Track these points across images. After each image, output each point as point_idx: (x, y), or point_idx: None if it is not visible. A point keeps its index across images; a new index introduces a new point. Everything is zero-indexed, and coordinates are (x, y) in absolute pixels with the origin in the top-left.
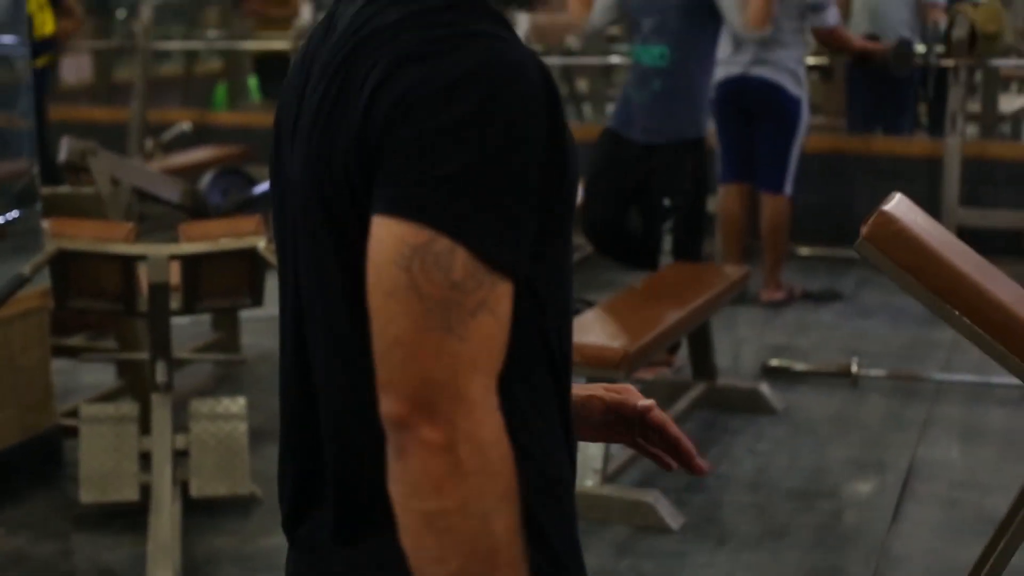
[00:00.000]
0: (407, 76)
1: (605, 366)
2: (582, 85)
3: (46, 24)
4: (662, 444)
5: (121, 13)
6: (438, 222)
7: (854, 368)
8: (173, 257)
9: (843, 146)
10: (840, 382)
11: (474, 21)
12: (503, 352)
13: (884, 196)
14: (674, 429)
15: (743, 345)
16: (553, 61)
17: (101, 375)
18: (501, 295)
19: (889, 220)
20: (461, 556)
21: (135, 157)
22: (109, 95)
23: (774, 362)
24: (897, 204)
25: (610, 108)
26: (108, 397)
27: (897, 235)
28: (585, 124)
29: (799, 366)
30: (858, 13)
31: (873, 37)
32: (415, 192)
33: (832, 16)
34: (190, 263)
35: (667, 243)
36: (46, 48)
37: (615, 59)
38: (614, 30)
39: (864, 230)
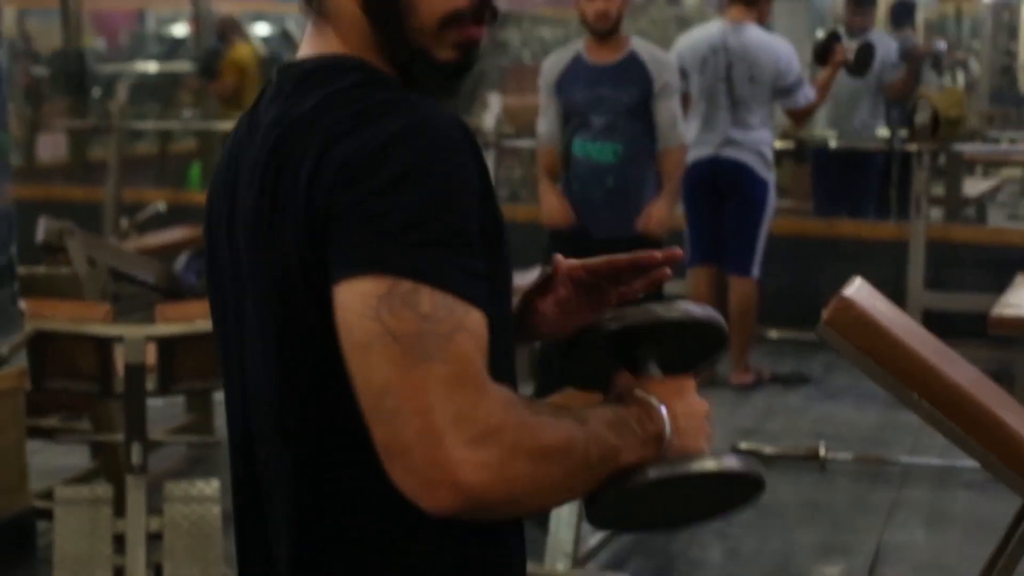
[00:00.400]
0: (341, 149)
1: None
2: None
3: None
4: (622, 277)
5: (96, 92)
6: (395, 269)
7: (822, 452)
8: (150, 338)
9: (809, 229)
10: (808, 466)
11: (385, 93)
12: (486, 362)
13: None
14: (621, 258)
15: (712, 428)
16: (525, 144)
17: (74, 456)
18: (474, 319)
19: (849, 305)
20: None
21: (110, 236)
22: (84, 173)
23: (743, 445)
24: (857, 289)
25: None
26: (82, 479)
27: (856, 320)
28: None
29: (767, 449)
30: (824, 108)
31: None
32: (368, 250)
33: (804, 96)
34: (166, 344)
35: None
36: None
37: None
38: None
39: (825, 315)
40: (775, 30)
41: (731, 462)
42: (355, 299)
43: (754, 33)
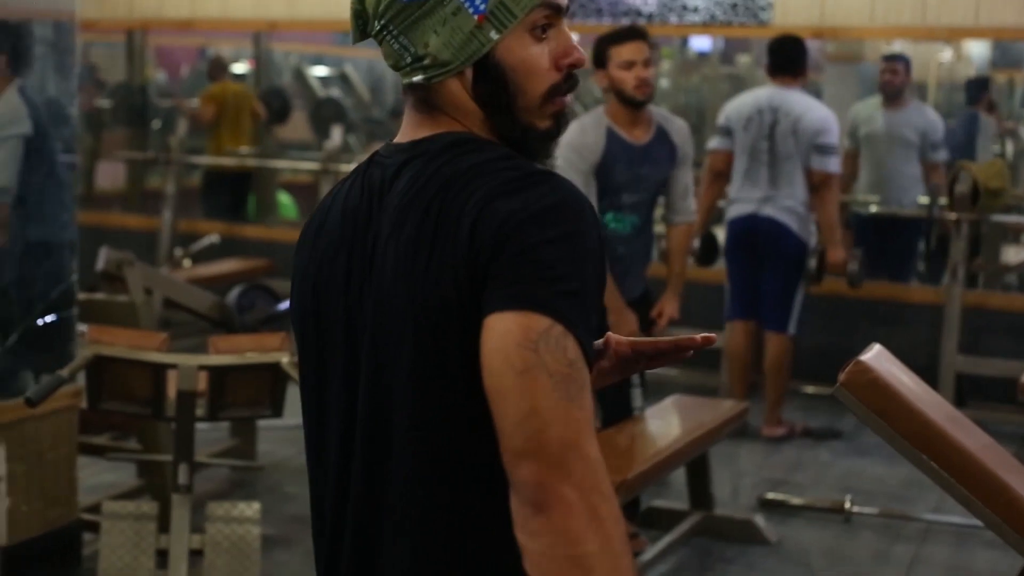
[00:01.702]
0: (505, 204)
1: None
2: None
3: None
4: (664, 356)
5: (156, 124)
6: (554, 313)
7: (847, 505)
8: (202, 367)
9: (848, 290)
10: (833, 517)
11: (531, 166)
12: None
13: (886, 340)
14: (664, 341)
15: (742, 478)
16: None
17: (120, 474)
18: (589, 381)
19: (864, 369)
20: None
21: (164, 265)
22: (141, 202)
23: (770, 495)
24: (874, 354)
25: None
26: (128, 495)
27: (871, 383)
28: None
29: (795, 500)
30: (866, 174)
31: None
32: (531, 290)
33: (834, 164)
34: (217, 374)
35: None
36: None
37: None
38: None
39: (841, 377)
40: (824, 97)
41: None
42: (516, 329)
43: (799, 96)
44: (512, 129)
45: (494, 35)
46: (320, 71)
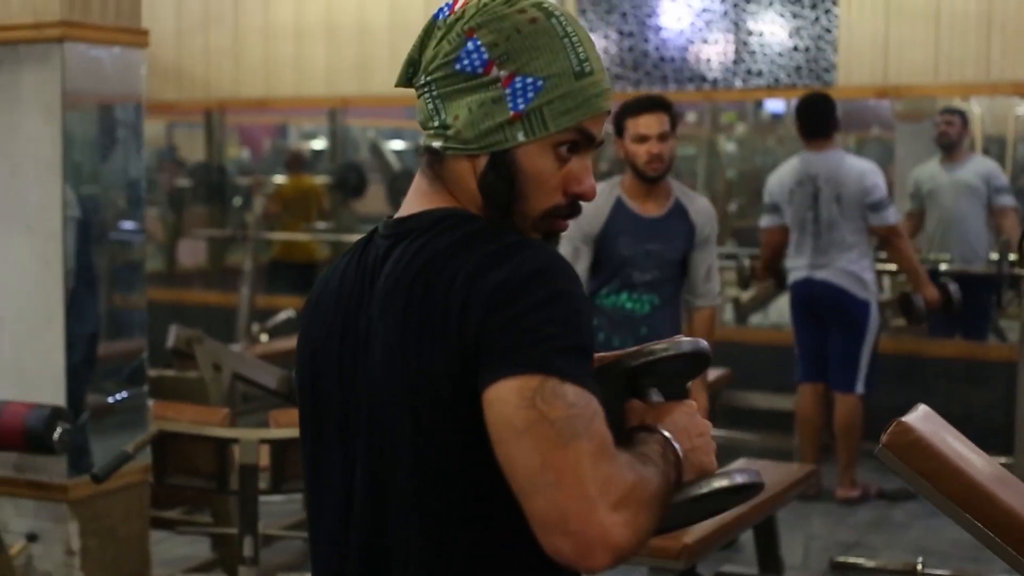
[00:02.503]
0: (490, 277)
1: (665, 557)
2: None
3: None
4: None
5: (237, 201)
6: (546, 369)
7: (919, 567)
8: (263, 441)
9: (923, 349)
10: None
11: (512, 237)
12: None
13: (961, 399)
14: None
15: (814, 541)
16: None
17: (196, 547)
18: (600, 408)
19: (906, 430)
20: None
21: (242, 340)
22: (222, 278)
23: (841, 558)
24: (917, 414)
25: None
26: (202, 569)
27: (913, 444)
28: None
29: (866, 563)
30: (932, 227)
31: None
32: (523, 355)
33: (892, 215)
34: (279, 447)
35: None
36: None
37: None
38: None
39: (883, 438)
40: (897, 155)
41: (738, 477)
42: (512, 394)
43: (836, 156)
44: (501, 225)
45: (521, 136)
46: (397, 145)
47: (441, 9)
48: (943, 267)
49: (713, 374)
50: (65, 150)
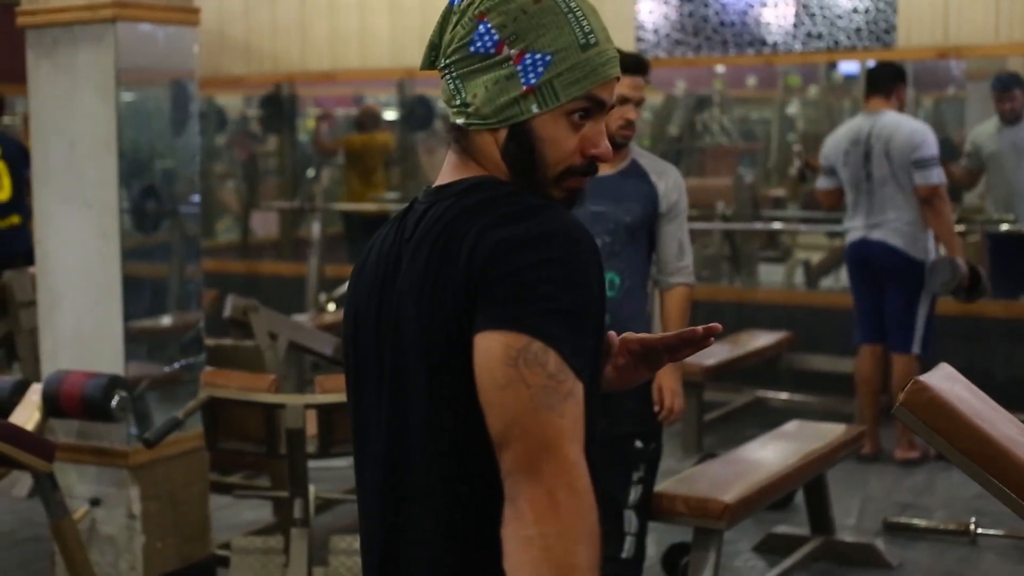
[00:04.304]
0: (500, 232)
1: (707, 516)
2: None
3: (2, 190)
4: (680, 350)
5: (310, 173)
6: (533, 331)
7: (972, 527)
8: (308, 406)
9: (987, 310)
10: (959, 540)
11: (533, 201)
12: (581, 429)
13: (1022, 360)
14: (670, 336)
15: (869, 502)
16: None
17: (260, 512)
18: (579, 390)
19: (923, 388)
20: (550, 571)
21: (311, 310)
22: (294, 249)
23: (894, 519)
24: (935, 373)
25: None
26: (263, 531)
27: (930, 402)
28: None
29: (919, 523)
30: (996, 192)
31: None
32: (513, 310)
33: (937, 175)
34: (325, 411)
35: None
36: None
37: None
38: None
39: (900, 397)
40: (968, 115)
41: None
42: (498, 347)
43: (890, 117)
44: (529, 191)
45: (535, 108)
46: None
47: None
48: (1004, 227)
49: (775, 337)
50: (121, 127)
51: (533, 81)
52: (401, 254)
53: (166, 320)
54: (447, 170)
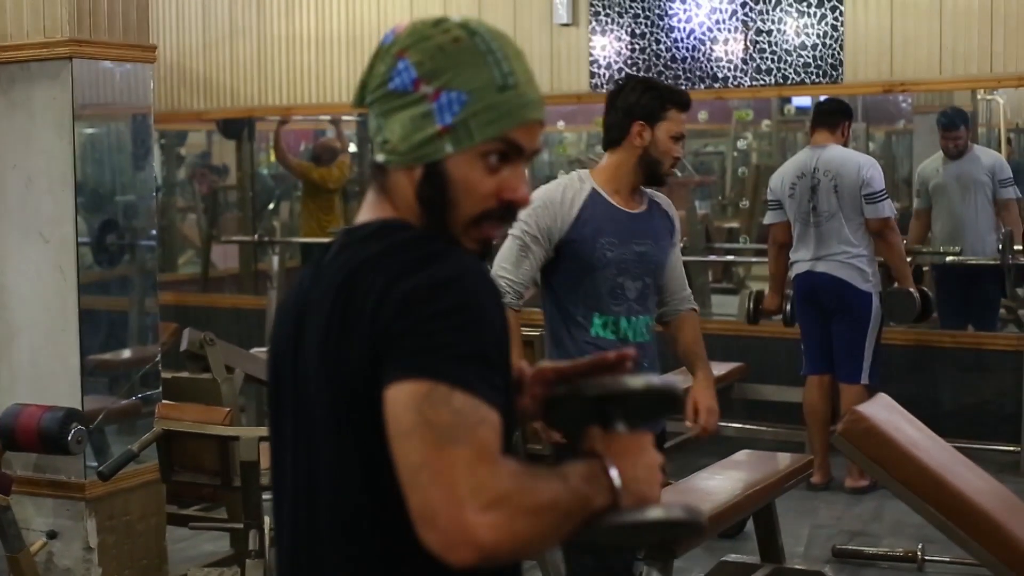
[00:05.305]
0: (402, 284)
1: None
2: None
3: None
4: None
5: (272, 206)
6: (437, 375)
7: (919, 554)
8: (263, 438)
9: (930, 339)
10: (907, 567)
11: (435, 245)
12: (500, 447)
13: (971, 389)
14: (583, 362)
15: (819, 530)
16: None
17: (220, 544)
18: (492, 416)
19: (861, 418)
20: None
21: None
22: (254, 282)
23: (843, 546)
24: (872, 403)
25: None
26: (220, 563)
27: (867, 432)
28: None
29: (868, 550)
30: (942, 225)
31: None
32: (418, 361)
33: (886, 208)
34: None
35: None
36: None
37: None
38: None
39: (839, 426)
40: (916, 147)
41: (675, 511)
42: (403, 396)
43: (836, 151)
44: (439, 233)
45: (449, 148)
46: None
47: (387, 35)
48: (948, 259)
49: (727, 367)
50: (80, 162)
51: (448, 120)
52: (309, 295)
53: (124, 353)
54: (364, 208)
